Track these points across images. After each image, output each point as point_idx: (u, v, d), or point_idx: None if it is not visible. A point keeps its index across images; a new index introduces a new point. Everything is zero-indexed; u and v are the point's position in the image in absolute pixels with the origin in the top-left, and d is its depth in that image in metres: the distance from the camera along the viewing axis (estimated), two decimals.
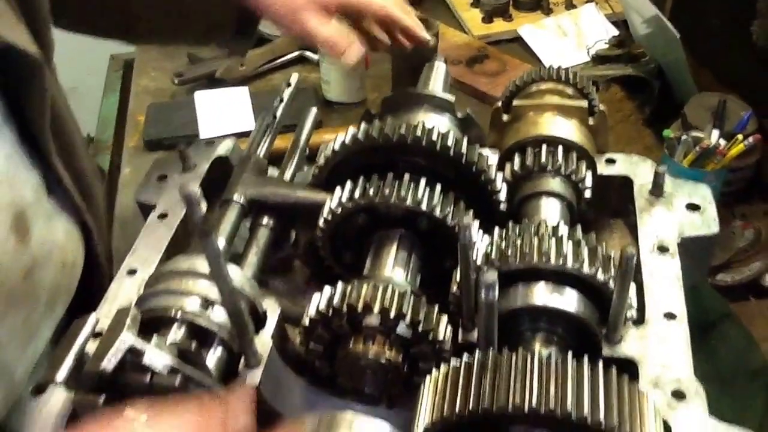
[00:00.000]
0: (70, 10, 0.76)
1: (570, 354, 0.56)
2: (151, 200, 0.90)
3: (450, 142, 0.75)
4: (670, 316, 0.70)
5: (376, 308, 0.64)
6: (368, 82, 1.39)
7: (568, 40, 1.46)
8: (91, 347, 0.61)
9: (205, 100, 1.39)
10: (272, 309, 0.74)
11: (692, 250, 0.78)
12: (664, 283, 0.72)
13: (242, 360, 0.68)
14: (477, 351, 0.58)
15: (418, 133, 0.75)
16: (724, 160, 0.97)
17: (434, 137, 0.75)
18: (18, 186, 0.69)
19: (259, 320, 0.74)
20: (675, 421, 0.61)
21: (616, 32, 1.41)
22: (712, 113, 1.05)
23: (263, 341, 0.71)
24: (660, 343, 0.67)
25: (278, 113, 0.93)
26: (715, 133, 1.01)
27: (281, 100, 0.95)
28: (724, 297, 0.94)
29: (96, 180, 0.86)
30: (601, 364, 0.56)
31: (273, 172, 0.93)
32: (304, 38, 0.84)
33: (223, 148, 0.95)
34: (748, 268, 0.99)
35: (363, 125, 0.78)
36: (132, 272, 0.80)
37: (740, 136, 0.98)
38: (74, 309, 0.80)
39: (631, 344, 0.68)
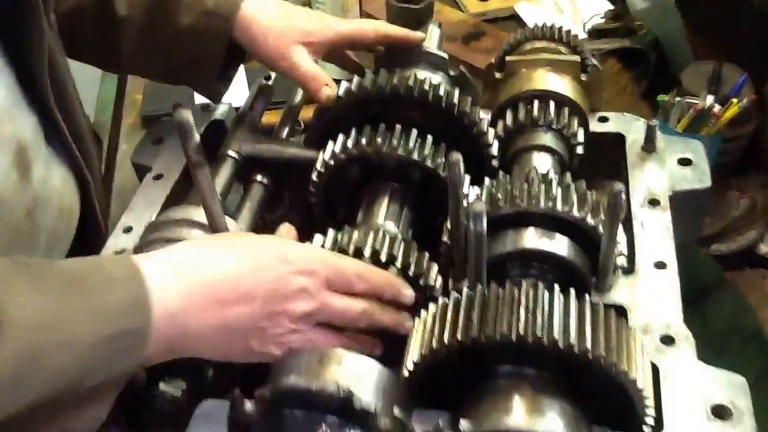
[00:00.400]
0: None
1: (557, 288, 0.56)
2: (147, 162, 0.91)
3: (442, 92, 0.76)
4: (660, 265, 0.70)
5: (367, 252, 0.65)
6: (365, 58, 1.39)
7: (564, 17, 1.45)
8: None
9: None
10: None
11: (684, 205, 0.78)
12: (654, 235, 0.73)
13: None
14: (465, 288, 0.58)
15: (411, 83, 0.75)
16: (718, 123, 0.97)
17: (426, 87, 0.75)
18: (18, 122, 0.70)
19: None
20: (663, 364, 0.62)
21: (611, 8, 1.42)
22: (708, 80, 1.06)
23: None
24: (650, 291, 0.68)
25: (273, 74, 0.94)
26: (710, 98, 1.01)
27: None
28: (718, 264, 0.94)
29: (91, 141, 0.87)
30: (588, 298, 0.56)
31: None
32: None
33: (219, 112, 0.96)
34: (743, 237, 0.99)
35: (356, 78, 0.79)
36: (128, 230, 0.81)
37: (735, 100, 0.98)
38: None
39: (620, 292, 0.68)
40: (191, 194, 0.82)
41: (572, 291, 0.56)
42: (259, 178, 0.83)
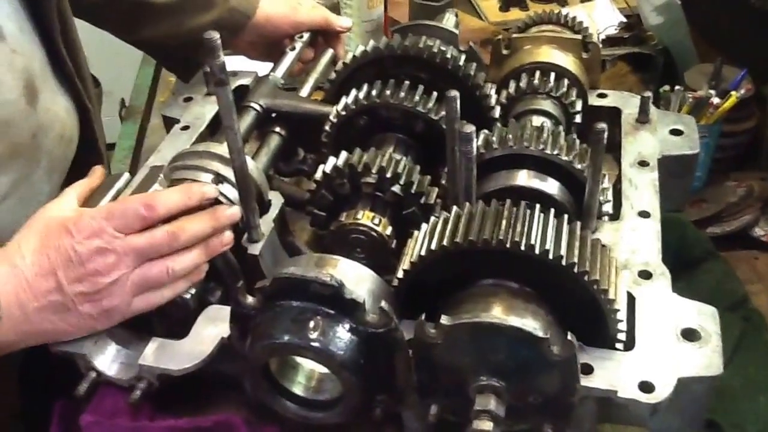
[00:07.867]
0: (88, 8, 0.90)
1: (538, 206, 0.61)
2: (175, 115, 0.98)
3: (449, 55, 0.82)
4: (644, 214, 0.74)
5: (375, 168, 0.71)
6: None
7: None
8: None
9: (233, 65, 1.49)
10: (277, 199, 0.81)
11: (673, 169, 0.83)
12: (641, 189, 0.77)
13: (245, 236, 0.75)
14: (454, 207, 0.64)
15: (421, 45, 0.82)
16: (717, 113, 1.02)
17: (434, 50, 0.82)
18: (29, 55, 0.78)
19: (264, 209, 0.80)
20: (640, 294, 0.66)
21: (624, 20, 1.48)
22: (709, 77, 1.10)
23: (266, 222, 0.77)
24: (632, 233, 0.72)
25: (298, 45, 1.01)
26: (711, 92, 1.05)
27: (301, 36, 1.04)
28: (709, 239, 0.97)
29: (89, 79, 0.94)
30: (566, 217, 0.61)
31: None
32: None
33: (245, 78, 1.03)
34: (738, 220, 1.02)
35: (371, 41, 0.86)
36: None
37: (734, 92, 1.02)
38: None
39: (604, 234, 0.72)
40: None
41: (552, 210, 0.61)
42: (277, 129, 0.89)
